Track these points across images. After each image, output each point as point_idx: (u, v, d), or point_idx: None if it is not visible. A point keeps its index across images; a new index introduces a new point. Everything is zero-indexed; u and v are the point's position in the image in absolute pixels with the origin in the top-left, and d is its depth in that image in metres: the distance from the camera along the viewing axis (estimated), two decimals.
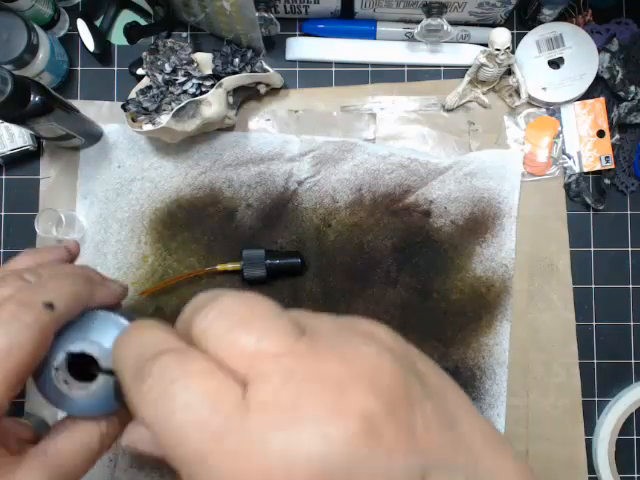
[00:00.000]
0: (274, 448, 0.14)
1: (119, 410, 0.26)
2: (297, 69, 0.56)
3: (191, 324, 0.17)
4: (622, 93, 0.54)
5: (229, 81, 0.50)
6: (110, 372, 0.25)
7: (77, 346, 0.26)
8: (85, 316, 0.27)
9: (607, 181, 0.54)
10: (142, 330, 0.18)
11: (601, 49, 0.54)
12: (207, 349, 0.16)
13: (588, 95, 0.55)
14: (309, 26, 0.56)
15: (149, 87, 0.50)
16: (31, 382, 0.26)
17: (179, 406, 0.15)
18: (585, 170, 0.54)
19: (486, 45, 0.52)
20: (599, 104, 0.55)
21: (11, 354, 0.22)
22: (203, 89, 0.51)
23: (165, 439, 0.15)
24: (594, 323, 0.55)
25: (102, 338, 0.26)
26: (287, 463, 0.14)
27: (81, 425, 0.26)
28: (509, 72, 0.54)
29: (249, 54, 0.52)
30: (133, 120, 0.51)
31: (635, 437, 0.54)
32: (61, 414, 0.36)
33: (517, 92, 0.54)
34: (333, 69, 0.56)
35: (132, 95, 0.51)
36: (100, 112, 0.55)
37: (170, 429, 0.15)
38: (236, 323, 0.16)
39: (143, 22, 0.56)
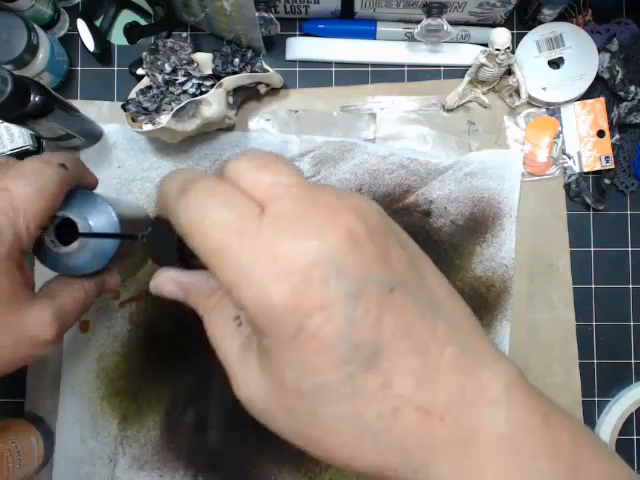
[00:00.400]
0: (282, 243, 0.18)
1: (97, 275, 0.36)
2: (297, 69, 0.56)
3: (223, 169, 0.22)
4: (622, 93, 0.54)
5: (229, 81, 0.50)
6: (87, 235, 0.34)
7: (61, 212, 0.34)
8: (70, 194, 0.34)
9: (607, 181, 0.54)
10: (186, 169, 0.24)
11: (601, 49, 0.54)
12: (235, 184, 0.21)
13: (588, 95, 0.55)
14: (309, 26, 0.56)
15: (149, 87, 0.50)
16: (31, 382, 0.29)
17: (212, 212, 0.19)
18: (585, 170, 0.54)
19: (486, 45, 0.52)
20: (599, 104, 0.55)
21: (41, 195, 0.31)
22: (203, 89, 0.51)
23: (197, 237, 0.20)
24: (594, 323, 0.55)
25: (82, 209, 0.35)
26: (291, 252, 0.18)
27: (70, 281, 0.35)
28: (509, 72, 0.54)
29: (249, 54, 0.52)
30: (133, 120, 0.51)
31: (635, 437, 0.54)
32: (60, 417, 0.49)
33: (517, 92, 0.54)
34: (333, 69, 0.56)
35: (132, 95, 0.51)
36: (100, 112, 0.55)
37: (203, 228, 0.19)
38: (259, 165, 0.21)
39: (143, 22, 0.56)
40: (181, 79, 0.50)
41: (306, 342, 0.18)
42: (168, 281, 0.26)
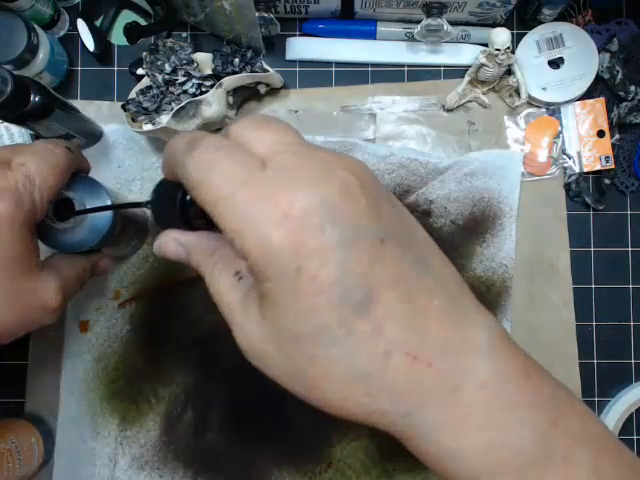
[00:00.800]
0: (281, 190, 0.20)
1: (91, 256, 0.41)
2: (297, 69, 0.56)
3: (227, 130, 0.23)
4: (622, 93, 0.54)
5: (229, 81, 0.50)
6: (81, 212, 0.38)
7: (62, 193, 0.37)
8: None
9: (607, 181, 0.54)
10: (193, 131, 0.26)
11: (601, 49, 0.54)
12: (239, 142, 0.22)
13: (588, 95, 0.55)
14: (309, 26, 0.56)
15: (149, 87, 0.50)
16: (31, 382, 0.29)
17: (218, 163, 0.21)
18: (585, 170, 0.54)
19: (486, 45, 0.52)
20: (599, 104, 0.55)
21: (54, 170, 0.34)
22: (203, 89, 0.51)
23: (204, 186, 0.21)
24: (594, 323, 0.55)
25: (78, 190, 0.38)
26: (289, 199, 0.19)
27: (69, 258, 0.39)
28: (509, 72, 0.54)
29: (249, 54, 0.52)
30: (133, 120, 0.51)
31: (635, 437, 0.54)
32: (60, 417, 0.52)
33: (517, 92, 0.54)
34: (333, 69, 0.56)
35: (132, 95, 0.51)
36: (100, 112, 0.55)
37: (209, 178, 0.21)
38: (261, 125, 0.23)
39: (143, 22, 0.56)
40: (181, 79, 0.50)
41: (305, 284, 0.19)
42: (171, 241, 0.27)
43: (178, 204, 0.26)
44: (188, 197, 0.25)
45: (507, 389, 0.21)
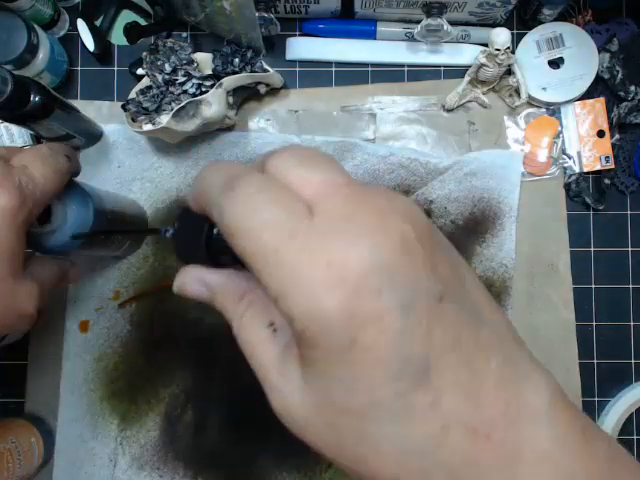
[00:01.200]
0: (335, 246, 0.17)
1: (64, 263, 0.41)
2: (297, 69, 0.56)
3: (264, 163, 0.20)
4: (622, 93, 0.54)
5: (229, 81, 0.50)
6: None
7: None
8: None
9: (607, 181, 0.54)
10: (227, 162, 0.23)
11: (601, 49, 0.54)
12: (280, 181, 0.20)
13: (588, 95, 0.55)
14: (309, 26, 0.56)
15: (149, 87, 0.50)
16: (31, 382, 0.29)
17: (262, 210, 0.18)
18: (585, 170, 0.54)
19: (486, 45, 0.52)
20: (599, 104, 0.55)
21: (55, 175, 0.35)
22: (203, 89, 0.51)
23: (243, 236, 0.18)
24: (594, 323, 0.55)
25: (61, 194, 0.38)
26: (344, 258, 0.17)
27: (44, 263, 0.39)
28: (509, 72, 0.54)
29: (249, 54, 0.52)
30: (133, 120, 0.51)
31: (635, 437, 0.54)
32: (60, 417, 0.53)
33: (517, 92, 0.54)
34: (333, 69, 0.56)
35: (132, 95, 0.51)
36: (100, 112, 0.55)
37: (251, 227, 0.18)
38: (305, 161, 0.20)
39: (143, 22, 0.55)
40: (181, 79, 0.50)
41: (359, 355, 0.17)
42: (194, 280, 0.24)
43: (204, 238, 0.23)
44: (215, 230, 0.23)
45: (567, 458, 0.19)
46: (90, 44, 0.54)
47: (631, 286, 0.55)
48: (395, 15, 0.54)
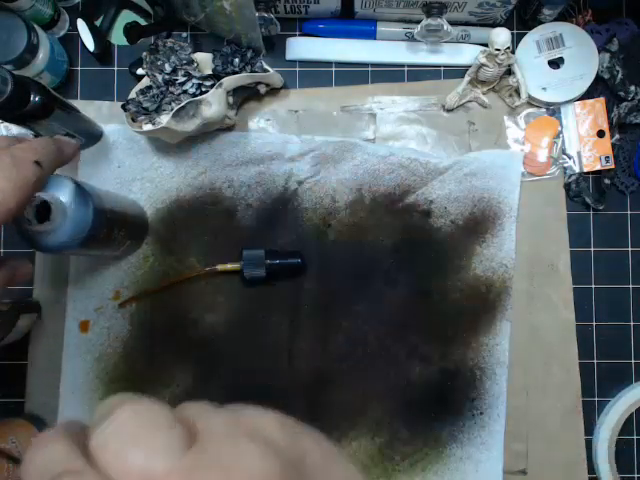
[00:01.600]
0: None
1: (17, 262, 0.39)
2: (297, 69, 0.56)
3: (89, 436, 0.18)
4: (622, 93, 0.54)
5: (229, 81, 0.50)
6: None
7: (40, 197, 0.38)
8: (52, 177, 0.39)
9: (607, 181, 0.54)
10: (46, 445, 0.19)
11: (601, 49, 0.54)
12: (101, 467, 0.17)
13: (588, 95, 0.55)
14: (309, 26, 0.56)
15: (149, 87, 0.50)
16: (31, 382, 0.28)
17: None
18: (585, 170, 0.54)
19: (486, 45, 0.52)
20: (599, 104, 0.55)
21: (18, 190, 0.31)
22: (203, 89, 0.51)
23: None
24: (594, 323, 0.55)
25: (57, 192, 0.39)
26: None
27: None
28: (509, 72, 0.54)
29: (249, 54, 0.52)
30: (133, 120, 0.51)
31: (635, 437, 0.54)
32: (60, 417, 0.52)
33: (517, 92, 0.54)
34: (333, 69, 0.56)
35: (132, 95, 0.51)
36: (100, 112, 0.55)
37: None
38: (127, 441, 0.17)
39: (143, 22, 0.56)
40: (181, 79, 0.50)
41: None
42: None
43: None
44: None
45: None
46: (90, 44, 0.54)
47: (631, 286, 0.55)
48: (395, 15, 0.54)
